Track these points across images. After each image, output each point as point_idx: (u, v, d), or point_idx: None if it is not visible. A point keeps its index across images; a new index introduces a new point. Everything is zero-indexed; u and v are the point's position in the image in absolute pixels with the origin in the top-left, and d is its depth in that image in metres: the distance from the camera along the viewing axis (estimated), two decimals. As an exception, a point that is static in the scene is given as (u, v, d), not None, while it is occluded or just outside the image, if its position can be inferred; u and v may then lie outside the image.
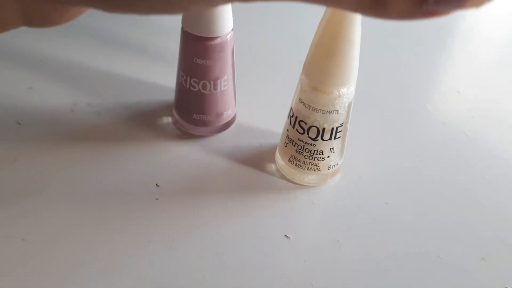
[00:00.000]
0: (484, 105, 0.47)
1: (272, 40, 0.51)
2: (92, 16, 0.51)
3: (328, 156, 0.35)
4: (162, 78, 0.44)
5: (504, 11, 0.62)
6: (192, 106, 0.37)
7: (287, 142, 0.35)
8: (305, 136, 0.34)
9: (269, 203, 0.35)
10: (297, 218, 0.34)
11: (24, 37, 0.47)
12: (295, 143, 0.35)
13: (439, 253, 0.33)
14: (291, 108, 0.35)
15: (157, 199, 0.34)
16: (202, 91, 0.36)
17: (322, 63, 0.31)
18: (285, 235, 0.33)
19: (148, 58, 0.47)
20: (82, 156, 0.37)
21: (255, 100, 0.42)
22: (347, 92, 0.32)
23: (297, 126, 0.34)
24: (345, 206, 0.35)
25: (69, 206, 0.33)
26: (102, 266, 0.30)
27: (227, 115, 0.39)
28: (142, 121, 0.40)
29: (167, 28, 0.50)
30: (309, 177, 0.36)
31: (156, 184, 0.35)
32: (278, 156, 0.37)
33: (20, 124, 0.38)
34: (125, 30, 0.50)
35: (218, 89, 0.37)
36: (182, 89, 0.37)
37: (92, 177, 0.35)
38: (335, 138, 0.34)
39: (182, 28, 0.35)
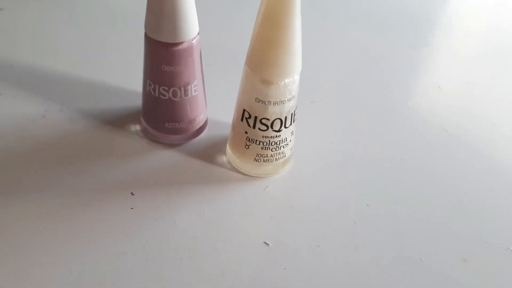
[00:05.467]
0: (465, 101, 0.46)
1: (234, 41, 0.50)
2: (61, 20, 0.50)
3: (290, 140, 0.35)
4: (132, 82, 0.42)
5: (484, 3, 0.62)
6: (163, 115, 0.36)
7: (249, 143, 0.34)
8: (269, 131, 0.33)
9: (248, 210, 0.34)
10: (277, 224, 0.34)
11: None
12: (259, 141, 0.34)
13: (421, 256, 0.32)
14: (244, 110, 0.33)
15: (132, 208, 0.33)
16: (173, 98, 0.35)
17: (267, 54, 0.30)
18: (265, 242, 0.32)
19: (118, 63, 0.45)
20: (54, 164, 0.35)
21: (225, 103, 0.40)
22: (298, 78, 0.32)
23: (258, 125, 0.33)
24: (325, 209, 0.35)
25: (39, 217, 0.32)
26: (74, 280, 0.29)
27: (199, 121, 0.38)
28: (114, 128, 0.39)
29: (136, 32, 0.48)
30: (262, 168, 0.36)
31: (131, 193, 0.34)
32: (233, 156, 0.36)
33: (-12, 132, 0.37)
34: (95, 34, 0.49)
35: (189, 95, 0.35)
36: (150, 99, 0.36)
37: (64, 185, 0.34)
38: (293, 121, 0.34)
39: (146, 34, 0.33)
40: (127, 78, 0.43)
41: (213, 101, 0.39)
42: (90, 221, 0.32)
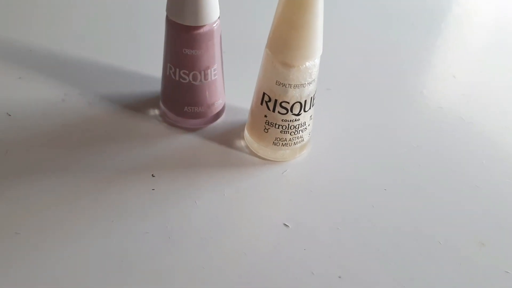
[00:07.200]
0: (479, 89, 0.46)
1: (253, 26, 0.50)
2: (80, 5, 0.50)
3: (309, 124, 0.35)
4: (151, 68, 0.43)
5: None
6: (183, 99, 0.36)
7: (268, 127, 0.35)
8: (289, 114, 0.34)
9: (267, 192, 0.35)
10: (296, 206, 0.34)
11: (11, 27, 0.46)
12: (279, 125, 0.34)
13: (439, 239, 0.33)
14: (265, 93, 0.33)
15: (153, 189, 0.33)
16: (193, 82, 0.35)
17: (289, 37, 0.30)
18: (284, 224, 0.33)
19: (137, 48, 0.46)
20: (75, 147, 0.36)
21: (243, 89, 0.39)
22: (318, 61, 0.33)
23: (278, 108, 0.33)
24: (344, 193, 0.35)
25: (63, 198, 0.32)
26: (99, 259, 0.30)
27: (217, 105, 0.38)
28: (133, 112, 0.39)
29: (155, 17, 0.49)
30: (280, 153, 0.36)
31: (152, 175, 0.34)
32: (251, 140, 0.37)
33: (10, 115, 0.37)
34: (114, 20, 0.49)
35: (209, 79, 0.36)
36: (171, 82, 0.36)
37: (86, 168, 0.34)
38: (312, 106, 0.35)
39: (167, 17, 0.33)
40: (145, 63, 0.43)
41: (229, 88, 0.39)
42: (112, 201, 0.33)
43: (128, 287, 0.28)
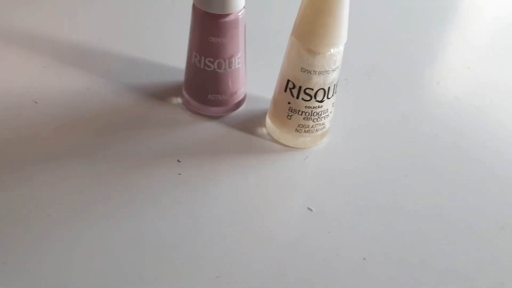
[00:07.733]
0: (494, 79, 0.47)
1: (277, 17, 0.51)
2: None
3: (331, 111, 0.36)
4: (171, 58, 0.44)
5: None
6: (207, 87, 0.37)
7: (291, 114, 0.35)
8: (312, 101, 0.34)
9: (290, 178, 0.35)
10: (318, 191, 0.35)
11: (34, 18, 0.47)
12: (302, 112, 0.35)
13: (460, 223, 0.33)
14: (289, 80, 0.34)
15: (179, 174, 0.34)
16: (217, 70, 0.36)
17: (315, 24, 0.31)
18: (308, 208, 0.33)
19: (159, 39, 0.47)
20: (101, 132, 0.37)
21: (263, 78, 0.40)
22: (343, 49, 0.33)
23: (302, 95, 0.34)
24: (365, 180, 0.36)
25: (92, 183, 0.33)
26: (127, 240, 0.30)
27: (240, 93, 0.39)
28: (157, 101, 0.40)
29: (177, 9, 0.49)
30: (301, 139, 0.37)
31: (178, 160, 0.35)
32: (273, 127, 0.37)
33: (37, 102, 0.38)
34: (137, 11, 0.50)
35: (233, 67, 0.36)
36: (195, 70, 0.37)
37: (112, 152, 0.35)
38: (335, 93, 0.35)
39: (194, 5, 0.34)
40: (165, 54, 0.44)
41: (249, 77, 0.40)
42: (140, 185, 0.33)
43: (155, 268, 0.29)
